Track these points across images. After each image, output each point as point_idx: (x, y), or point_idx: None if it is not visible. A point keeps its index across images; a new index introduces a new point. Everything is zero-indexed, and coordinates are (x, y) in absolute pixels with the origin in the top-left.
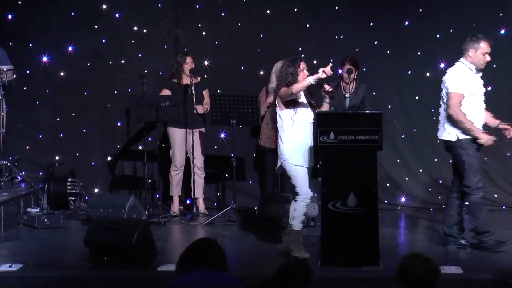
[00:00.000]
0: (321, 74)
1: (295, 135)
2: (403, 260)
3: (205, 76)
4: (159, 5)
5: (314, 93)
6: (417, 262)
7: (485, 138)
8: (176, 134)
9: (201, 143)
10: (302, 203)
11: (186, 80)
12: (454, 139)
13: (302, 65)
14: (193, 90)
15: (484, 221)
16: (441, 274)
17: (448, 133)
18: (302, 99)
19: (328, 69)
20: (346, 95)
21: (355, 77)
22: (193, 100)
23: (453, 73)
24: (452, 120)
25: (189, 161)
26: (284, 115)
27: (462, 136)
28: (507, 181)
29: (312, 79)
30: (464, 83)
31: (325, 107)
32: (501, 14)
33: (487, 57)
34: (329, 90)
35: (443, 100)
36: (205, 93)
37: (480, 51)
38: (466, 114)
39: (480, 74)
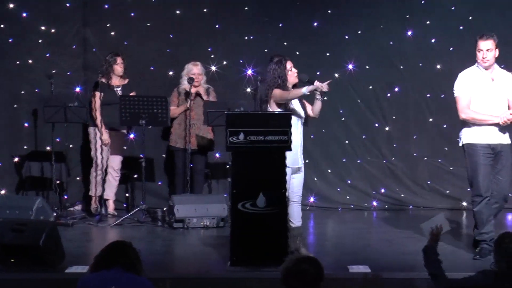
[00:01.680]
0: (317, 86)
1: None
2: (288, 261)
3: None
4: (67, 5)
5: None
6: (301, 263)
7: (498, 119)
8: (97, 134)
9: (112, 144)
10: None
11: (115, 80)
12: (460, 144)
13: (289, 65)
14: (119, 91)
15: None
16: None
17: (458, 139)
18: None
19: (325, 86)
20: None
21: None
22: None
23: (458, 77)
24: (465, 125)
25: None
26: None
27: (465, 141)
28: (414, 181)
29: (307, 90)
30: (466, 85)
31: (317, 105)
32: (408, 16)
33: (483, 54)
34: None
35: None
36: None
37: (477, 49)
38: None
39: (494, 72)
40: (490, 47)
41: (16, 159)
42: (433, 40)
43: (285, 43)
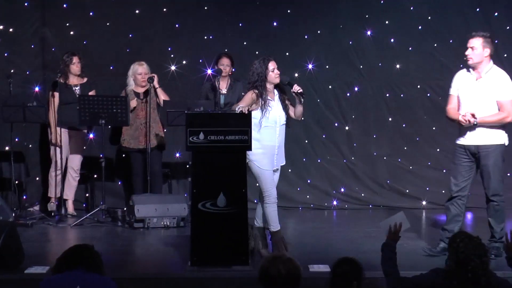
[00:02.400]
0: (243, 109)
1: (261, 137)
2: (265, 261)
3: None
4: (26, 4)
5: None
6: (278, 262)
7: (461, 118)
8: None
9: (72, 143)
10: (268, 204)
11: (73, 80)
12: None
13: (272, 65)
14: (77, 91)
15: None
16: (303, 274)
17: None
18: (276, 100)
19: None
20: (222, 92)
21: (230, 72)
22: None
23: None
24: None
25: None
26: (253, 116)
27: (456, 141)
28: (374, 180)
29: (237, 109)
30: (454, 84)
31: (298, 108)
32: (367, 16)
33: (467, 51)
34: (299, 91)
35: None
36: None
37: None
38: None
39: (484, 71)
40: (474, 45)
41: None
42: (392, 40)
43: (244, 43)
